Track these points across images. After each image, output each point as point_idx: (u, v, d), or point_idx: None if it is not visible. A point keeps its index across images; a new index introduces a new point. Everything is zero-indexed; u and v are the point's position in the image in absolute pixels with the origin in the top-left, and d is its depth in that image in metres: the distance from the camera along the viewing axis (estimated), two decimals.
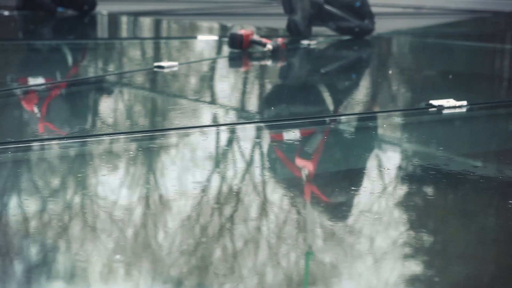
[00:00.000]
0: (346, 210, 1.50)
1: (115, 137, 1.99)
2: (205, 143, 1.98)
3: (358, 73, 3.53)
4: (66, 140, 1.91)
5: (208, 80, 3.10)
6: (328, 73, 3.40)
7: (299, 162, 1.88)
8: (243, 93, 2.85)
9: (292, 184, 1.69)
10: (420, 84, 3.18)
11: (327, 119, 2.31)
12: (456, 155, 1.97)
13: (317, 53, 3.98)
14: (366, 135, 2.20)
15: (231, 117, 2.43)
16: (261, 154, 1.94)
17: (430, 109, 2.36)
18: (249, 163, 1.81)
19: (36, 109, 2.39)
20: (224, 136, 2.08)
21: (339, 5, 4.26)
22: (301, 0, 4.10)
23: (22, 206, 1.46)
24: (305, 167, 1.82)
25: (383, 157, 1.97)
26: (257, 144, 2.02)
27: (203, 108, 2.52)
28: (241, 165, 1.80)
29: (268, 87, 3.04)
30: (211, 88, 2.96)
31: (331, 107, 2.61)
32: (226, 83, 3.02)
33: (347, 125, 2.28)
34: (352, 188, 1.64)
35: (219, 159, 1.84)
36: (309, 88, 2.95)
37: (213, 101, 2.65)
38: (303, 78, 3.27)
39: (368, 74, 3.57)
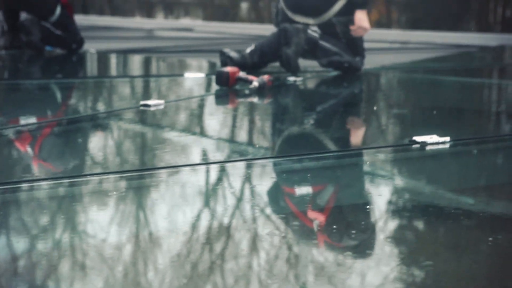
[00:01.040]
0: (336, 246, 1.49)
1: (102, 176, 1.98)
2: (191, 182, 1.97)
3: (342, 109, 3.55)
4: (54, 180, 1.91)
5: (194, 118, 3.10)
6: (314, 111, 3.41)
7: (289, 199, 1.88)
8: (230, 130, 2.86)
9: (282, 220, 1.69)
10: (405, 120, 3.20)
11: (312, 156, 2.31)
12: (438, 191, 1.97)
13: (303, 90, 4.01)
14: (349, 172, 2.20)
15: (218, 154, 2.43)
16: (251, 191, 1.94)
17: (414, 146, 2.37)
18: (239, 201, 1.81)
19: (23, 149, 2.39)
20: (211, 174, 2.08)
21: (333, 42, 4.30)
22: (297, 35, 4.13)
23: (11, 246, 1.45)
24: (295, 204, 1.82)
25: (366, 194, 1.97)
26: (246, 181, 2.02)
27: (189, 146, 2.52)
28: (230, 202, 1.79)
29: (254, 124, 3.05)
30: (197, 126, 2.97)
31: (316, 144, 2.62)
32: (213, 121, 3.03)
33: (331, 162, 2.28)
34: (341, 223, 1.64)
35: (207, 197, 1.84)
36: (293, 126, 2.96)
37: (199, 139, 2.65)
38: (288, 116, 3.28)
39: (354, 110, 3.59)
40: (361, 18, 4.24)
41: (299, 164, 2.23)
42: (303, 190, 1.95)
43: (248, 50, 4.35)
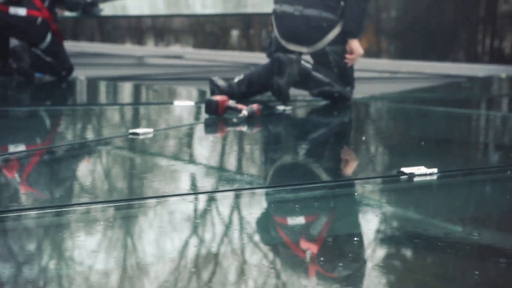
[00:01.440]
0: (325, 276, 1.49)
1: (90, 206, 1.97)
2: (180, 211, 1.97)
3: (331, 139, 3.56)
4: (41, 210, 1.90)
5: (183, 146, 3.10)
6: (304, 140, 3.42)
7: (278, 229, 1.88)
8: (219, 159, 2.86)
9: (270, 250, 1.68)
10: (393, 150, 3.21)
11: (300, 186, 2.31)
12: (426, 221, 1.98)
13: (292, 119, 4.02)
14: (338, 203, 2.20)
15: (207, 184, 2.43)
16: (240, 221, 1.93)
17: (402, 177, 2.37)
18: (228, 231, 1.80)
19: (11, 177, 2.38)
20: (201, 203, 2.08)
21: (325, 72, 4.32)
22: (290, 65, 4.15)
23: None
24: (284, 234, 1.82)
25: (354, 224, 1.97)
26: (234, 211, 2.02)
27: (178, 175, 2.51)
28: (220, 233, 1.78)
29: (243, 153, 3.05)
30: (186, 154, 2.96)
31: (305, 174, 2.62)
32: (202, 150, 3.03)
33: (320, 192, 2.28)
34: (330, 254, 1.63)
35: (196, 227, 1.83)
36: (282, 155, 2.97)
37: (188, 168, 2.64)
38: (277, 145, 3.29)
39: (343, 140, 3.60)
40: (358, 46, 4.30)
41: (288, 194, 2.23)
42: (291, 220, 1.95)
43: (237, 79, 4.37)
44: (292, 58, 4.16)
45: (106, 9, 6.49)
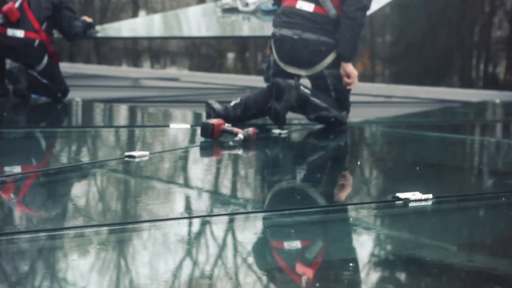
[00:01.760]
0: None
1: (85, 229, 1.97)
2: (176, 235, 1.97)
3: (326, 164, 3.57)
4: (35, 233, 1.90)
5: (179, 170, 3.11)
6: (299, 164, 3.43)
7: (272, 254, 1.88)
8: (214, 183, 2.86)
9: (265, 275, 1.69)
10: (388, 175, 3.22)
11: (295, 211, 2.32)
12: (421, 247, 1.98)
13: (288, 142, 4.03)
14: (333, 228, 2.21)
15: (203, 207, 2.43)
16: (234, 245, 1.94)
17: (397, 202, 2.38)
18: (223, 255, 1.80)
19: (5, 199, 2.38)
20: (196, 227, 2.08)
21: (323, 97, 4.35)
22: (288, 91, 4.17)
23: None
24: (278, 259, 1.82)
25: (349, 249, 1.98)
26: (229, 235, 2.02)
27: (174, 199, 2.52)
28: (214, 256, 1.79)
29: (239, 177, 3.06)
30: (182, 178, 2.97)
31: (300, 199, 2.62)
32: (197, 173, 3.04)
33: (315, 217, 2.28)
34: (324, 278, 1.64)
35: (191, 251, 1.83)
36: (278, 179, 2.98)
37: (184, 192, 2.65)
38: (273, 169, 3.30)
39: (337, 165, 3.61)
40: (352, 69, 4.34)
41: (283, 218, 2.23)
42: (286, 245, 1.95)
43: (233, 103, 4.39)
44: (291, 83, 4.18)
45: (102, 31, 6.52)
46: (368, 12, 5.08)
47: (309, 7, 4.34)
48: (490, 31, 26.97)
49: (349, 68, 4.33)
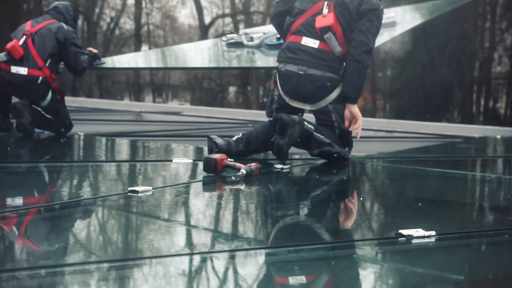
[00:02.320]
0: None
1: (86, 265, 1.98)
2: (178, 271, 1.97)
3: (329, 199, 3.57)
4: (37, 269, 1.90)
5: (181, 205, 3.11)
6: (301, 199, 3.44)
7: None
8: (217, 218, 2.87)
9: None
10: (391, 211, 3.22)
11: (298, 247, 2.32)
12: (423, 283, 1.99)
13: (290, 177, 4.04)
14: (335, 264, 2.21)
15: (206, 243, 2.43)
16: (237, 281, 1.94)
17: (400, 239, 2.39)
18: None
19: (6, 235, 2.38)
20: (198, 263, 2.08)
21: (326, 133, 4.37)
22: (292, 127, 4.19)
23: None
24: None
25: (353, 286, 1.98)
26: (231, 271, 2.02)
27: (176, 235, 2.52)
28: None
29: (241, 212, 3.06)
30: (184, 213, 2.97)
31: (302, 235, 2.63)
32: (200, 208, 3.04)
33: (317, 254, 2.29)
34: None
35: (191, 287, 1.83)
36: (280, 214, 2.98)
37: (186, 227, 2.65)
38: (276, 204, 3.30)
39: (339, 201, 3.61)
40: (357, 111, 4.42)
41: (286, 254, 2.24)
42: (290, 281, 1.96)
43: (235, 137, 4.41)
44: (294, 119, 4.20)
45: (107, 63, 6.57)
46: None
47: (314, 44, 4.37)
48: (490, 66, 27.16)
49: (355, 109, 4.38)
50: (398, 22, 6.54)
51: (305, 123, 4.27)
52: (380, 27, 4.44)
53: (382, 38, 6.04)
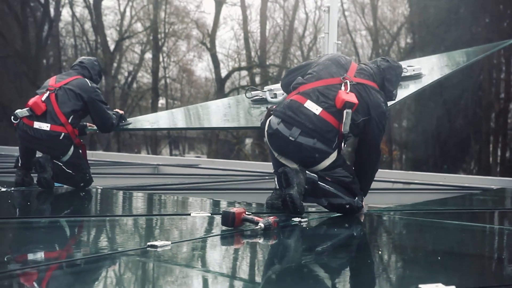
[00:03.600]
0: None
1: None
2: None
3: (348, 253, 3.57)
4: None
5: (201, 259, 3.13)
6: (321, 253, 3.44)
7: None
8: (236, 272, 2.88)
9: None
10: (410, 265, 3.21)
11: None
12: None
13: (308, 231, 4.05)
14: None
15: None
16: None
17: None
18: None
19: None
20: None
21: (330, 183, 4.39)
22: (297, 175, 4.21)
23: None
24: None
25: None
26: None
27: None
28: None
29: (260, 266, 3.07)
30: (203, 267, 2.98)
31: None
32: (218, 263, 3.05)
33: None
34: None
35: None
36: (300, 268, 2.98)
37: (205, 281, 2.67)
38: (295, 257, 3.31)
39: (358, 254, 3.61)
40: (363, 204, 4.62)
41: None
42: None
43: None
44: (296, 168, 4.25)
45: (133, 123, 6.62)
46: (390, 104, 5.20)
47: (316, 110, 4.32)
48: (506, 117, 27.11)
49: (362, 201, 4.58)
50: (424, 74, 6.56)
51: (307, 171, 4.30)
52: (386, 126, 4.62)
53: (406, 91, 6.07)
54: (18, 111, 5.83)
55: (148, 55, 32.46)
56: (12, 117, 5.85)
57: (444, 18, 25.65)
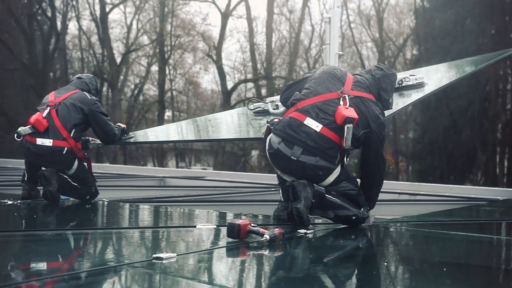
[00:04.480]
0: None
1: None
2: None
3: (354, 264, 3.56)
4: None
5: (206, 271, 3.12)
6: (327, 264, 3.43)
7: None
8: (241, 285, 2.87)
9: None
10: (416, 277, 3.20)
11: None
12: None
13: (314, 242, 4.04)
14: None
15: None
16: None
17: None
18: None
19: None
20: None
21: (336, 196, 4.40)
22: (304, 189, 4.21)
23: None
24: None
25: None
26: None
27: None
28: None
29: (265, 278, 3.07)
30: (209, 279, 2.98)
31: None
32: (224, 275, 3.05)
33: None
34: None
35: None
36: (306, 280, 2.98)
37: None
38: (301, 269, 3.30)
39: (364, 265, 3.60)
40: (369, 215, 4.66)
41: None
42: None
43: None
44: (304, 182, 4.24)
45: (135, 137, 6.64)
46: (391, 112, 5.21)
47: (317, 127, 4.29)
48: None
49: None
50: (427, 83, 6.55)
51: (315, 184, 4.29)
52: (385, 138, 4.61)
53: (409, 100, 6.06)
54: (20, 128, 5.85)
55: (155, 68, 32.61)
56: (15, 135, 5.87)
57: (450, 30, 25.69)
